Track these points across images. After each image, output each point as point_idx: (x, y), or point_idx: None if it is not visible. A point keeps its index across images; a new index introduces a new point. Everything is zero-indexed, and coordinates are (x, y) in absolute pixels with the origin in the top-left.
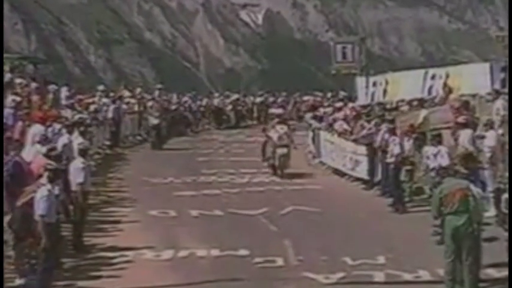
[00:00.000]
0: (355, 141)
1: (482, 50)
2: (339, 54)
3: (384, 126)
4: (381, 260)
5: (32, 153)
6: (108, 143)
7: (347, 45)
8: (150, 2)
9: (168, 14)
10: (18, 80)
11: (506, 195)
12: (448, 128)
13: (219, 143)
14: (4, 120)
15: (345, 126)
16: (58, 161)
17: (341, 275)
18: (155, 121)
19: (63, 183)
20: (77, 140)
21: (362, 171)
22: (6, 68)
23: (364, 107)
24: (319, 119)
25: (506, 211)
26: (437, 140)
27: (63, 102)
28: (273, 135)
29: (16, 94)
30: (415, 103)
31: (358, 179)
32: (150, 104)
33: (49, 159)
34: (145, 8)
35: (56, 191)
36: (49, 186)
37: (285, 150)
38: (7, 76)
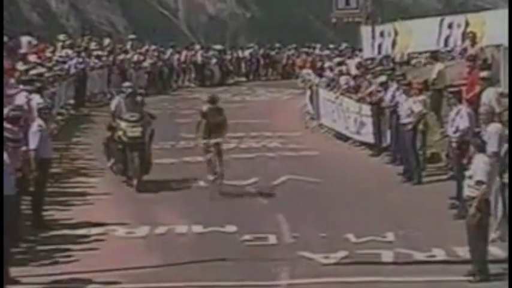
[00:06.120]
0: (359, 100)
1: None
2: (341, 0)
3: (394, 83)
4: (390, 237)
5: None
6: (72, 102)
7: None
8: None
9: None
10: None
11: None
12: (464, 84)
13: (201, 102)
14: None
15: (351, 82)
16: (15, 125)
17: (343, 254)
18: (136, 132)
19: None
20: (36, 99)
21: (368, 135)
22: None
23: (370, 60)
24: (319, 74)
25: None
26: (457, 98)
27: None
28: None
29: None
30: (428, 56)
31: (363, 144)
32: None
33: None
34: None
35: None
36: (5, 156)
37: None
38: None
